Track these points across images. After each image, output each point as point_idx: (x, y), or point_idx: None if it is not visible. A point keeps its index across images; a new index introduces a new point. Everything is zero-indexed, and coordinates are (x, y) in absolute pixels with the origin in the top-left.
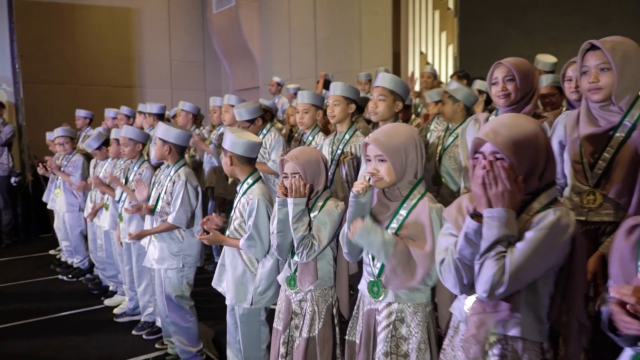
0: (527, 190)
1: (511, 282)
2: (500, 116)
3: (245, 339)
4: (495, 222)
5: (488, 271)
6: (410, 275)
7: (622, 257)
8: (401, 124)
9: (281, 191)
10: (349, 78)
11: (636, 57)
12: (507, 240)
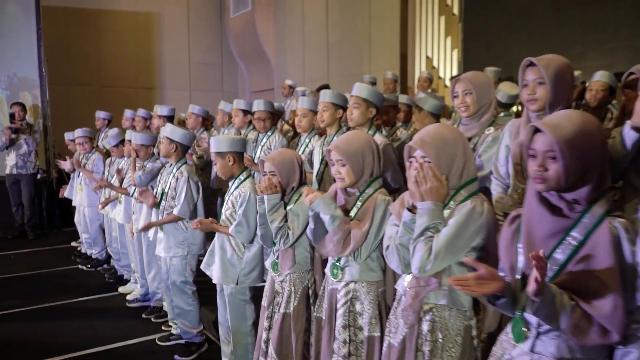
0: (451, 186)
1: (436, 260)
2: (427, 127)
3: (232, 315)
4: (425, 213)
5: (419, 252)
6: (343, 247)
7: (506, 242)
8: (359, 131)
9: (260, 189)
10: (359, 80)
11: (568, 72)
12: (436, 227)
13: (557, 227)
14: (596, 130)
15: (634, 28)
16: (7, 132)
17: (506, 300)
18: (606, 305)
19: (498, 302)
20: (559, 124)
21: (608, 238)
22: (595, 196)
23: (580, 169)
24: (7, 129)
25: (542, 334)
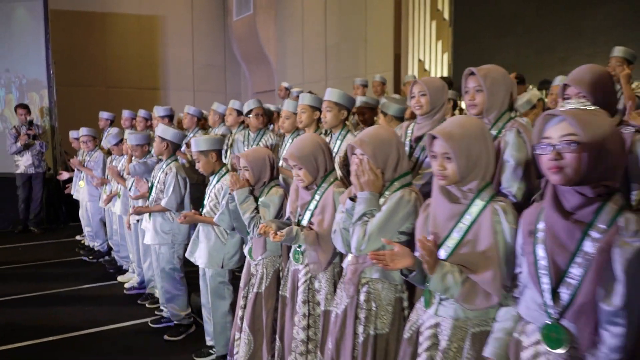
0: (386, 179)
1: (370, 241)
2: (367, 128)
3: (213, 296)
4: (363, 201)
5: (356, 234)
6: (323, 253)
7: (420, 225)
8: (308, 135)
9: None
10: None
11: (503, 82)
12: (371, 212)
13: (454, 212)
14: (481, 133)
15: (609, 35)
16: (23, 138)
17: (416, 274)
18: (488, 275)
19: (410, 275)
20: (451, 130)
21: (489, 219)
22: (483, 185)
23: (470, 166)
24: (24, 135)
25: (443, 300)
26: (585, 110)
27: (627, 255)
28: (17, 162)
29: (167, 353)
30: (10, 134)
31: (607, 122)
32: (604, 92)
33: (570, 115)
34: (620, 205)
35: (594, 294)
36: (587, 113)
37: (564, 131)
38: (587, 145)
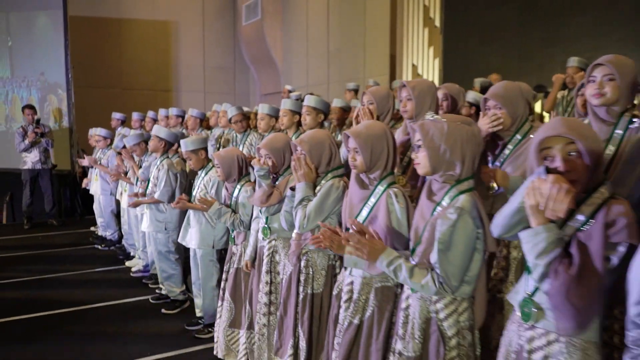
0: (320, 171)
1: (309, 221)
2: (308, 131)
3: (203, 273)
4: (300, 190)
5: (298, 215)
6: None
7: (344, 207)
8: (281, 134)
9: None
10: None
11: (429, 92)
12: (308, 198)
13: (364, 195)
14: (383, 133)
15: (581, 43)
16: (31, 136)
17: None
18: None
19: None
20: (360, 130)
21: (385, 201)
22: (385, 175)
23: (373, 159)
24: (32, 133)
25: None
26: (432, 120)
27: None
28: (24, 159)
29: (164, 324)
30: (18, 133)
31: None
32: (515, 104)
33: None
34: (460, 189)
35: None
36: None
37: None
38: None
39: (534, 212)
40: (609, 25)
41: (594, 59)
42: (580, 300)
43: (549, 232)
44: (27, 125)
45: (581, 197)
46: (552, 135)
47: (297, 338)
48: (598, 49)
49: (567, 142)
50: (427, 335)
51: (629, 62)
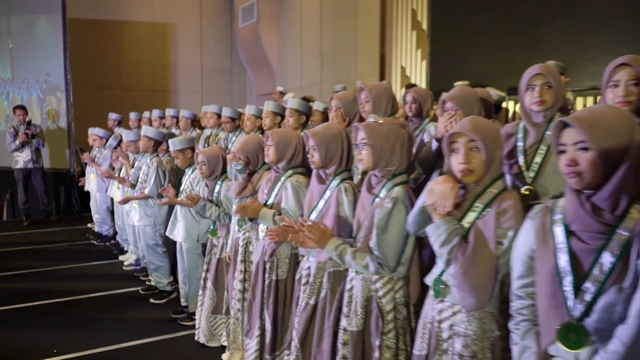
0: (281, 167)
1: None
2: (282, 129)
3: (189, 265)
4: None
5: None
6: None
7: (305, 201)
8: (253, 136)
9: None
10: (347, 85)
11: (385, 94)
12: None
13: (321, 189)
14: (338, 133)
15: (560, 47)
16: (22, 136)
17: None
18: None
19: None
20: (318, 130)
21: (336, 195)
22: (340, 171)
23: (328, 156)
24: (23, 134)
25: (312, 251)
26: (375, 122)
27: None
28: (16, 159)
29: (151, 312)
30: (10, 133)
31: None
32: (470, 106)
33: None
34: (395, 182)
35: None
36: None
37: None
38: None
39: (432, 209)
40: (582, 30)
41: (570, 62)
42: (477, 279)
43: (448, 224)
44: (18, 125)
45: (478, 189)
46: (458, 131)
47: (263, 321)
48: (573, 52)
49: (470, 139)
50: (368, 311)
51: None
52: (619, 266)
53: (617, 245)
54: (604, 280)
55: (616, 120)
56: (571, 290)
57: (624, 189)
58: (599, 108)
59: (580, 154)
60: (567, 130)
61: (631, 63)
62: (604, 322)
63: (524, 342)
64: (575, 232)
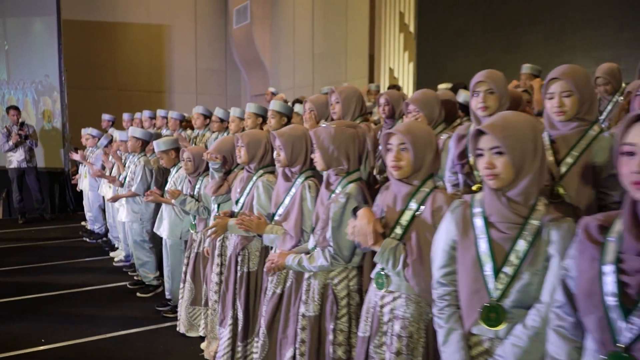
0: (252, 167)
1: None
2: (251, 130)
3: (172, 260)
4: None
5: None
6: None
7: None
8: (227, 137)
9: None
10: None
11: (354, 96)
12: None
13: (287, 187)
14: (302, 134)
15: (539, 50)
16: (15, 137)
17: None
18: (291, 223)
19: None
20: (284, 131)
21: (300, 191)
22: (304, 169)
23: (294, 155)
24: (16, 135)
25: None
26: (324, 126)
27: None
28: (10, 158)
29: (138, 305)
30: (2, 134)
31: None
32: (432, 108)
33: (278, 137)
34: (349, 180)
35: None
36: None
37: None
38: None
39: (364, 242)
40: (560, 33)
41: (548, 65)
42: (427, 270)
43: (387, 247)
44: (11, 126)
45: (412, 189)
46: (392, 132)
47: (236, 310)
48: (551, 55)
49: (402, 140)
50: (324, 297)
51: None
52: (531, 252)
53: (530, 234)
54: (519, 264)
55: (524, 126)
56: (492, 275)
57: (532, 184)
58: (508, 115)
59: (495, 157)
60: (484, 136)
61: (562, 77)
62: (520, 301)
63: (449, 324)
64: (494, 223)
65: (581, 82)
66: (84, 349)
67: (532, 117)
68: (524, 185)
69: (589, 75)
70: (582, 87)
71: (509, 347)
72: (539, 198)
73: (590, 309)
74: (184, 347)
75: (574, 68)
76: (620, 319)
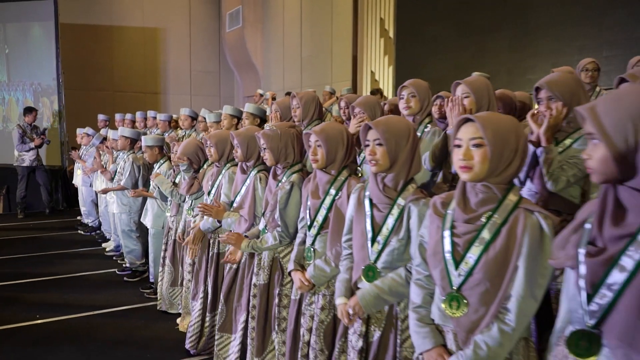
0: (249, 165)
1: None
2: (245, 128)
3: (154, 248)
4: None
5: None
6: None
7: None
8: (191, 139)
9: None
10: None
11: (312, 101)
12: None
13: (243, 178)
14: (252, 134)
15: (505, 56)
16: (38, 141)
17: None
18: (246, 210)
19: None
20: (240, 131)
21: (253, 182)
22: (257, 164)
23: (249, 152)
24: (39, 139)
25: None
26: (270, 129)
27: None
28: (22, 157)
29: (124, 288)
30: (19, 133)
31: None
32: (374, 110)
33: (262, 137)
34: (292, 171)
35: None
36: (270, 134)
37: (261, 143)
38: (271, 151)
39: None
40: (524, 40)
41: (512, 69)
42: (338, 244)
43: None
44: (25, 126)
45: (331, 177)
46: (309, 132)
47: (206, 286)
48: (516, 60)
49: (317, 138)
50: (273, 268)
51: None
52: (397, 225)
53: (397, 210)
54: (388, 234)
55: (401, 124)
56: (371, 243)
57: (402, 172)
58: (391, 117)
59: (377, 147)
60: (370, 130)
61: (462, 82)
62: (389, 262)
63: (345, 275)
64: (376, 204)
65: (481, 88)
66: (73, 323)
67: (408, 121)
68: (395, 172)
69: (489, 84)
70: (479, 92)
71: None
72: (410, 183)
73: (435, 264)
74: (161, 323)
75: (475, 78)
76: (453, 269)
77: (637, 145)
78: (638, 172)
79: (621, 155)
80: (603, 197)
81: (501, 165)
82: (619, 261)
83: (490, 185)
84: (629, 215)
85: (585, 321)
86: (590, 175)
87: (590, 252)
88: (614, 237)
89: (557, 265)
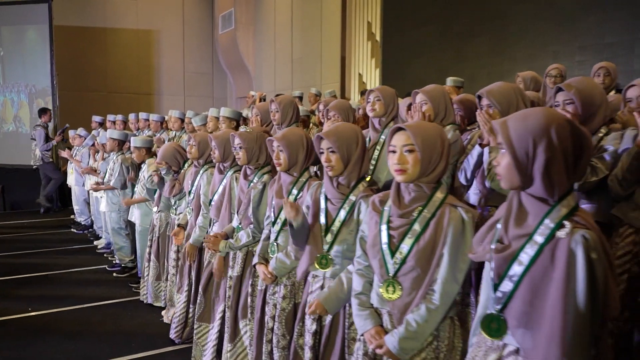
0: (201, 162)
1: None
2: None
3: (142, 244)
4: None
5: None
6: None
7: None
8: (168, 144)
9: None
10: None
11: (290, 105)
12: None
13: (220, 179)
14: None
15: (484, 60)
16: (58, 138)
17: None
18: (223, 208)
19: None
20: (218, 134)
21: (230, 181)
22: (232, 165)
23: (226, 153)
24: (59, 137)
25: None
26: (245, 131)
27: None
28: (45, 155)
29: (114, 283)
30: (41, 133)
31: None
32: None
33: (238, 137)
34: (263, 172)
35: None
36: (248, 135)
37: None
38: (247, 151)
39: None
40: (501, 46)
41: (491, 73)
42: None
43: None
44: (46, 126)
45: (293, 179)
46: (271, 138)
47: (191, 279)
48: (494, 65)
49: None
50: (246, 262)
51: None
52: (348, 217)
53: (348, 205)
54: (340, 225)
55: (350, 132)
56: (324, 234)
57: (353, 172)
58: (340, 125)
59: (331, 155)
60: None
61: (420, 91)
62: (340, 252)
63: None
64: (330, 199)
65: (437, 96)
66: (64, 315)
67: (356, 126)
68: (347, 173)
69: (445, 91)
70: (436, 100)
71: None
72: (361, 181)
73: (374, 254)
74: (147, 315)
75: (432, 87)
76: (389, 258)
77: (535, 158)
78: (534, 181)
79: (522, 165)
80: (510, 202)
81: (430, 167)
82: (518, 257)
83: (421, 185)
84: (529, 217)
85: (494, 307)
86: (499, 181)
87: (497, 248)
88: (516, 236)
89: (476, 259)
